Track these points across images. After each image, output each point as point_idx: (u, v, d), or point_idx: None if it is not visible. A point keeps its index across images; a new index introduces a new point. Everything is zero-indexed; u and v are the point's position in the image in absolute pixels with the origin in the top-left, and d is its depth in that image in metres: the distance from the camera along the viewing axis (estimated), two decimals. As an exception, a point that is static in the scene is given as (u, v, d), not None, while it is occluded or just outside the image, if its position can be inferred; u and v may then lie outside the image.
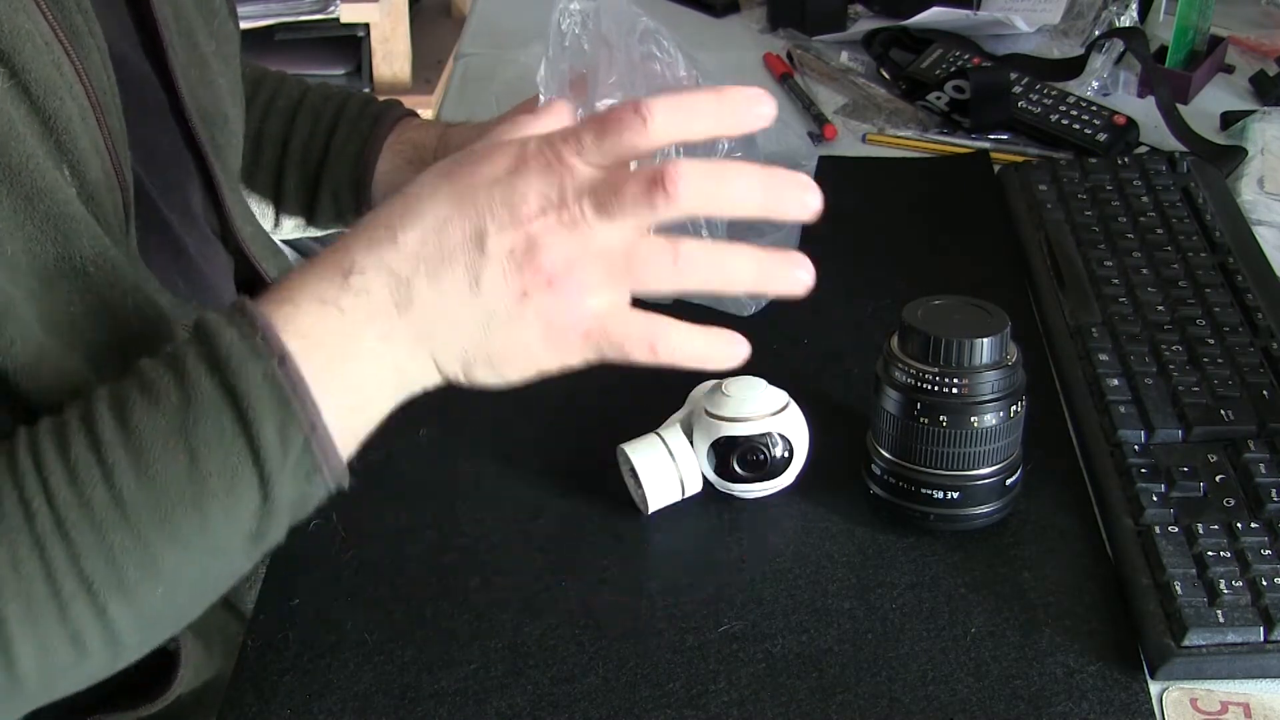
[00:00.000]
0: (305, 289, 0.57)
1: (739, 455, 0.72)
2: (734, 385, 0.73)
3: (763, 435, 0.71)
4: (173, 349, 0.57)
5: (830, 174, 1.04)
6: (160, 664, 0.71)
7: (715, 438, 0.72)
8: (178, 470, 0.54)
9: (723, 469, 0.72)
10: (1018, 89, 1.10)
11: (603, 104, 0.82)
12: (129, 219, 0.72)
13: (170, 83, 0.79)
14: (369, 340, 0.57)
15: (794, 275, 0.61)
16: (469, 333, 0.57)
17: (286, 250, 1.04)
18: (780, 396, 0.73)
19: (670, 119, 0.56)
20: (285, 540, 0.72)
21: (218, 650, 0.77)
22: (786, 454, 0.72)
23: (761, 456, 0.72)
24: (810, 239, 0.94)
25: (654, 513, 0.73)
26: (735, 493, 0.73)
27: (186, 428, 0.54)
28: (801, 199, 0.60)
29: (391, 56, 2.17)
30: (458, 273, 0.56)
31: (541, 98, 0.83)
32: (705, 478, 0.73)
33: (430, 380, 0.60)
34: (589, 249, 0.56)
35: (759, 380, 0.73)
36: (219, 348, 0.55)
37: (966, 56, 1.16)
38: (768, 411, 0.72)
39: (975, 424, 0.68)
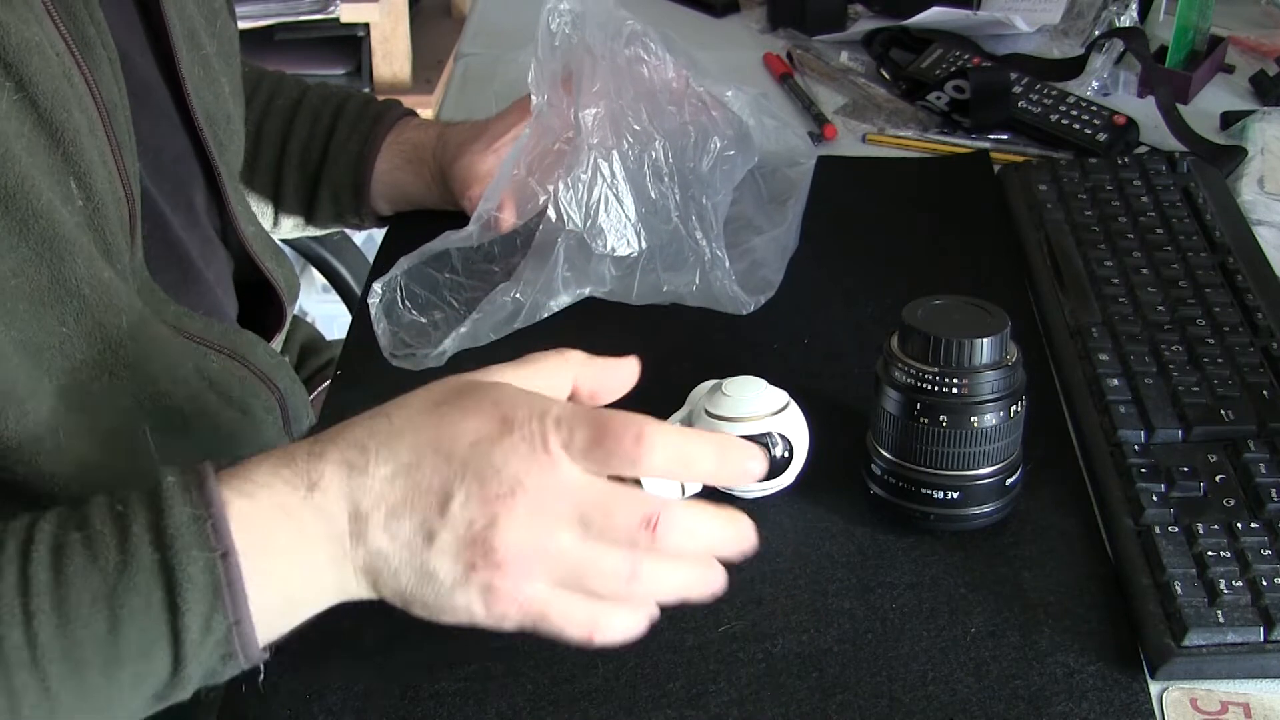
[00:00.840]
0: (268, 489, 0.57)
1: None
2: (734, 385, 0.73)
3: (762, 435, 0.71)
4: (124, 506, 0.56)
5: (830, 174, 1.05)
6: None
7: None
8: (97, 633, 0.54)
9: None
10: (1018, 89, 1.10)
11: (586, 114, 0.82)
12: (135, 229, 0.72)
13: (177, 85, 0.79)
14: (318, 558, 0.57)
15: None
16: (411, 580, 0.57)
17: (287, 250, 1.04)
18: (780, 396, 0.73)
19: (666, 460, 0.56)
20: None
21: None
22: (786, 454, 0.72)
23: None
24: (811, 239, 0.94)
25: None
26: (735, 493, 0.73)
27: (116, 594, 0.54)
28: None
29: (391, 56, 2.16)
30: (414, 524, 0.56)
31: (534, 99, 0.83)
32: None
33: (372, 596, 0.59)
34: (547, 546, 0.56)
35: (759, 380, 0.73)
36: (168, 524, 0.55)
37: (966, 56, 1.16)
38: (767, 411, 0.72)
39: (975, 424, 0.68)
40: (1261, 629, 0.64)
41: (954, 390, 0.68)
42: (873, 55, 1.22)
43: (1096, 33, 1.19)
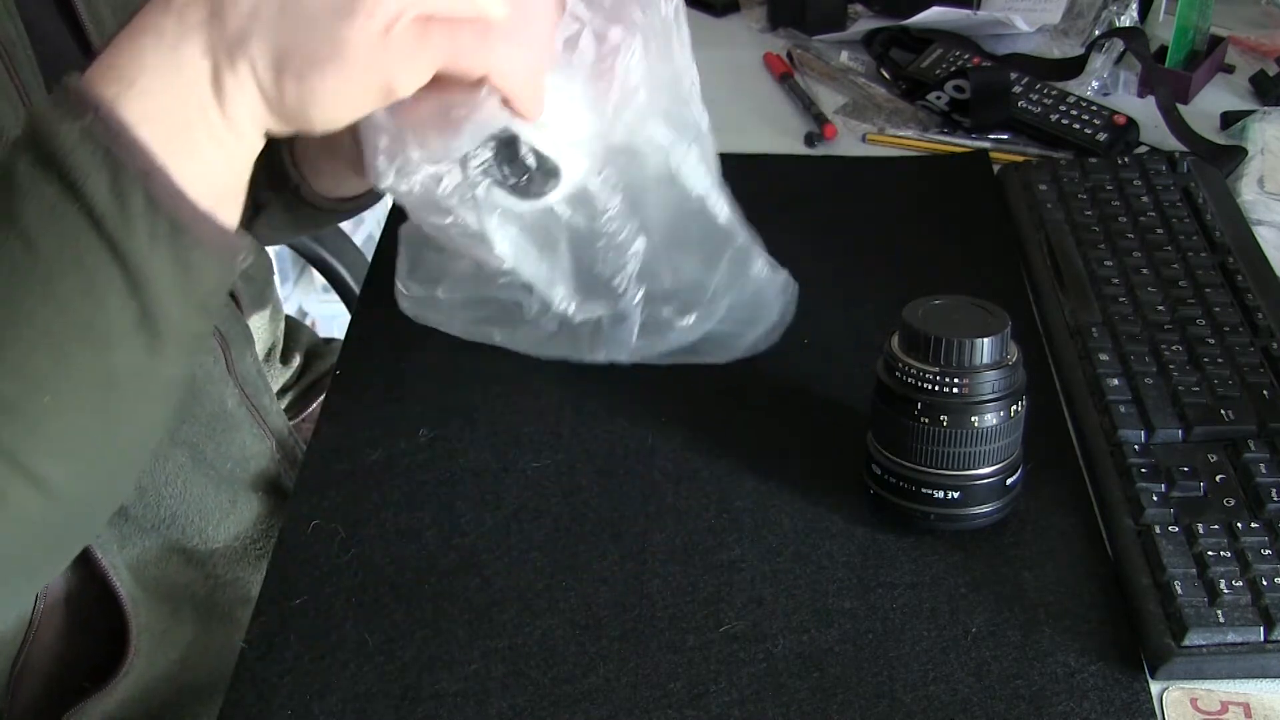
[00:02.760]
0: (128, 39, 0.53)
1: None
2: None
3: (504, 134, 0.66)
4: None
5: (830, 174, 1.05)
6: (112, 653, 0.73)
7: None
8: (14, 259, 0.51)
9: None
10: (1018, 89, 1.10)
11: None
12: None
13: (85, 42, 0.76)
14: (185, 55, 0.53)
15: None
16: (285, 27, 0.53)
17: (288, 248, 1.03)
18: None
19: None
20: (285, 540, 0.73)
21: (179, 644, 0.78)
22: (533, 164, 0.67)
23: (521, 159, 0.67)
24: (811, 239, 0.94)
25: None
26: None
27: (14, 215, 0.51)
28: None
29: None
30: None
31: None
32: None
33: (247, 98, 0.54)
34: None
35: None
36: (30, 123, 0.51)
37: (966, 56, 1.16)
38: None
39: (975, 424, 0.68)
40: (1261, 629, 0.64)
41: (954, 390, 0.68)
42: (873, 55, 1.22)
43: (1096, 33, 1.19)
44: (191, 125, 0.54)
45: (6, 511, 0.53)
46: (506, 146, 0.66)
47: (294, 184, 0.88)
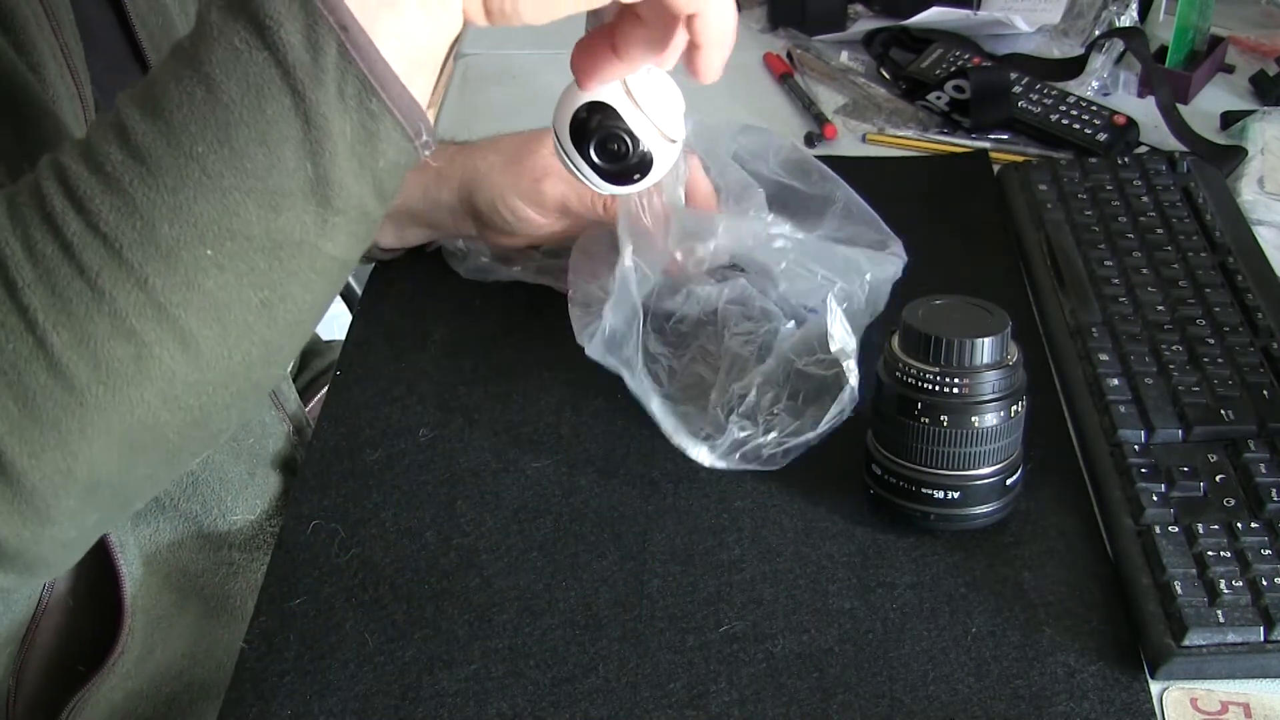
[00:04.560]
0: None
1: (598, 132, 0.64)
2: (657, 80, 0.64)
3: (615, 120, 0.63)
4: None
5: (830, 174, 1.04)
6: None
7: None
8: (194, 103, 0.48)
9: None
10: (1018, 89, 1.10)
11: None
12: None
13: (130, 31, 0.76)
14: None
15: None
16: None
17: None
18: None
19: None
20: (285, 540, 0.73)
21: (184, 635, 0.78)
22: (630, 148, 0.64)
23: (616, 144, 0.64)
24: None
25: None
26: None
27: (198, 60, 0.48)
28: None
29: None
30: None
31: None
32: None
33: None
34: None
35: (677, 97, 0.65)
36: None
37: (966, 56, 1.16)
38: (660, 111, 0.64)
39: (975, 424, 0.68)
40: (1261, 629, 0.64)
41: (954, 390, 0.68)
42: (873, 55, 1.22)
43: (1096, 33, 1.19)
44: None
45: (151, 368, 0.50)
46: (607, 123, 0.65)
47: None
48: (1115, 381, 0.78)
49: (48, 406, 0.50)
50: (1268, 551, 0.67)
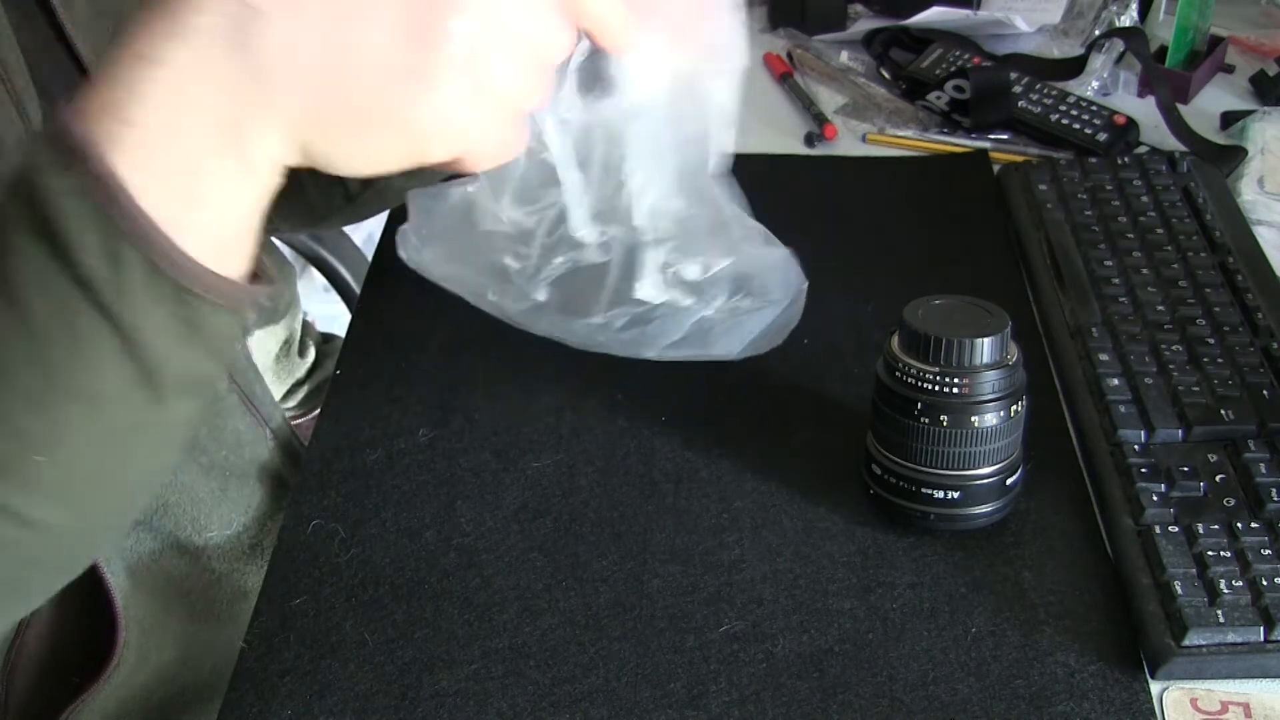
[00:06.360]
0: (129, 66, 0.47)
1: None
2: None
3: None
4: None
5: (830, 174, 1.05)
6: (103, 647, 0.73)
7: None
8: (4, 324, 0.47)
9: None
10: (1018, 89, 1.10)
11: None
12: None
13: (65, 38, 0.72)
14: (198, 94, 0.47)
15: None
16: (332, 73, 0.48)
17: (284, 248, 1.03)
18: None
19: None
20: (285, 540, 0.73)
21: (175, 641, 0.78)
22: None
23: None
24: (811, 239, 0.94)
25: None
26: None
27: (5, 277, 0.46)
28: None
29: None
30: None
31: None
32: None
33: (269, 143, 0.49)
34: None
35: None
36: (18, 168, 0.47)
37: (966, 56, 1.16)
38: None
39: (975, 424, 0.68)
40: (1261, 629, 0.64)
41: (954, 390, 0.68)
42: (873, 55, 1.22)
43: (1096, 33, 1.19)
44: (199, 172, 0.48)
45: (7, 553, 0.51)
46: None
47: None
48: (1115, 381, 0.78)
49: None
50: (1268, 551, 0.67)
